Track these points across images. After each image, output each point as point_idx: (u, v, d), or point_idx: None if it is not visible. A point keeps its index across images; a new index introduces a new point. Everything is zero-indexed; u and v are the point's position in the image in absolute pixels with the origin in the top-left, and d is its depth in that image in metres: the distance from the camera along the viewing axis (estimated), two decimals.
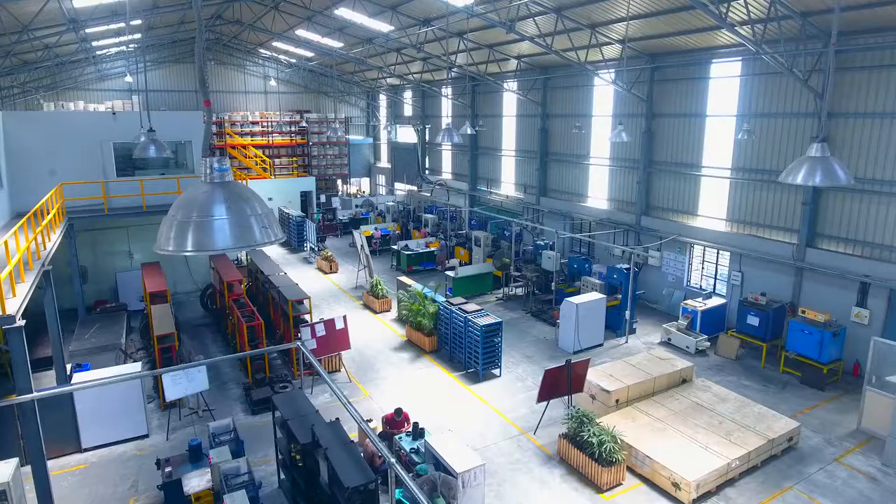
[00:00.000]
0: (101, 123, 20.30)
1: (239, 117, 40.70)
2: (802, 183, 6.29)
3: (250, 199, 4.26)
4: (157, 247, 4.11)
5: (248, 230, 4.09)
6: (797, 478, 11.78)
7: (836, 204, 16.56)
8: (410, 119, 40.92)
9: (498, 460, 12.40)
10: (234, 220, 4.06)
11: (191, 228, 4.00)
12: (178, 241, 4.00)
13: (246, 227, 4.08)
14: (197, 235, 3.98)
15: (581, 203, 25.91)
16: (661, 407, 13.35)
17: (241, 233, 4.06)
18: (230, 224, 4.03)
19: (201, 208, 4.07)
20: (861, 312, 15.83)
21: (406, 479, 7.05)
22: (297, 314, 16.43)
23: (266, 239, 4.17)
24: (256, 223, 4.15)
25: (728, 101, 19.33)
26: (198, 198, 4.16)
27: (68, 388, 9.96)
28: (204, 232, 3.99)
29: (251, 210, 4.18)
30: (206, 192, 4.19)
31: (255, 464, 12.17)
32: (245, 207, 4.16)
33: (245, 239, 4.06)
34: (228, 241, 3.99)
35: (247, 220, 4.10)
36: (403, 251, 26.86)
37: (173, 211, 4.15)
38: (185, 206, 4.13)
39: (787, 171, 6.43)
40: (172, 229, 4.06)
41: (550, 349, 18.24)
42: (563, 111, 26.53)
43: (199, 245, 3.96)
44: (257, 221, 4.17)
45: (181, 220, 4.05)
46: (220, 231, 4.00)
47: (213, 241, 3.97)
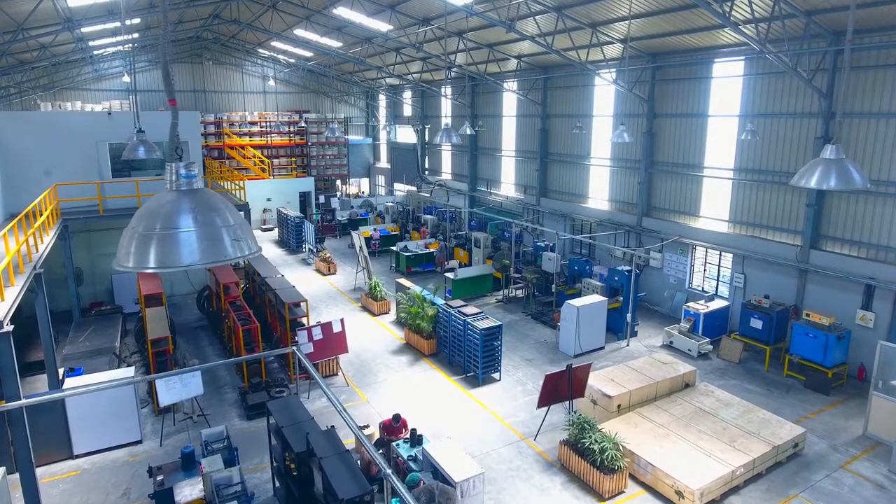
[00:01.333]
0: (96, 123, 20.07)
1: (237, 117, 40.47)
2: (816, 187, 6.05)
3: (221, 209, 3.87)
4: (116, 262, 3.75)
5: (218, 243, 3.72)
6: (803, 485, 11.55)
7: (840, 205, 16.33)
8: (410, 119, 40.69)
9: (497, 467, 12.16)
10: (203, 233, 3.67)
11: (153, 242, 3.61)
12: (138, 256, 3.62)
13: (216, 241, 3.71)
14: (160, 250, 3.60)
15: (582, 204, 25.69)
16: (663, 412, 13.12)
17: (209, 246, 3.67)
18: (198, 237, 3.65)
19: (165, 219, 3.67)
20: (866, 315, 15.60)
21: (402, 490, 6.82)
22: (294, 317, 16.20)
23: (238, 252, 3.80)
24: (228, 235, 3.77)
25: (730, 101, 19.09)
26: (162, 207, 3.77)
27: (57, 396, 9.73)
28: (168, 246, 3.60)
29: (222, 221, 3.80)
30: (171, 201, 3.79)
31: (250, 471, 11.96)
32: (215, 218, 3.77)
33: (214, 253, 3.68)
34: (195, 256, 3.61)
35: (217, 233, 3.73)
36: (402, 252, 26.64)
37: (135, 222, 3.76)
38: (148, 217, 3.74)
39: (799, 175, 6.19)
40: (133, 243, 3.66)
41: (551, 352, 18.01)
42: (564, 111, 26.30)
43: (162, 261, 3.58)
44: (229, 233, 3.78)
45: (143, 233, 3.66)
46: (187, 245, 3.62)
47: (178, 257, 3.59)
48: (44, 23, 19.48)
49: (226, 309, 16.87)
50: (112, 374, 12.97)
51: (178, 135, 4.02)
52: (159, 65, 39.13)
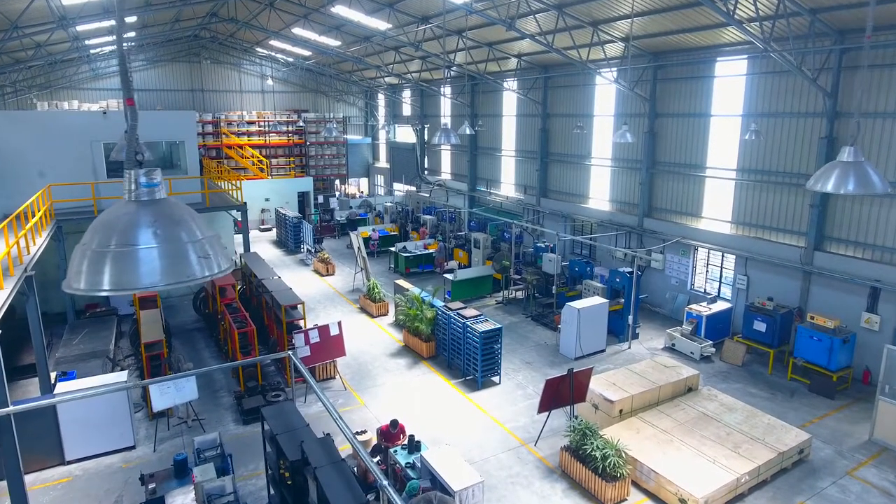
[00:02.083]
0: (91, 123, 19.81)
1: (235, 117, 40.23)
2: (833, 191, 5.80)
3: (186, 222, 3.44)
4: (66, 284, 3.28)
5: (183, 261, 3.28)
6: (809, 492, 11.32)
7: (845, 206, 16.09)
8: (409, 119, 40.45)
9: (497, 474, 11.93)
10: (165, 250, 3.24)
11: (108, 260, 3.15)
12: (91, 277, 3.15)
13: (180, 258, 3.27)
14: (116, 269, 3.13)
15: (582, 204, 25.45)
16: (666, 417, 12.89)
17: (173, 265, 3.23)
18: (160, 254, 3.21)
19: (122, 234, 3.22)
20: (871, 318, 15.37)
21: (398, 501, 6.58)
22: (290, 320, 15.97)
23: (207, 271, 3.36)
24: (194, 252, 3.33)
25: (733, 101, 18.85)
26: (118, 221, 3.31)
27: (45, 402, 9.49)
28: (124, 265, 3.15)
29: (188, 235, 3.37)
30: (129, 213, 3.35)
31: (244, 478, 11.74)
32: (179, 232, 3.34)
33: (178, 273, 3.24)
34: (157, 277, 3.17)
35: (181, 249, 3.30)
36: (401, 253, 26.40)
37: (87, 237, 3.31)
38: (102, 232, 3.27)
39: (815, 178, 5.94)
40: (85, 261, 3.20)
41: (551, 355, 17.78)
42: (564, 111, 26.06)
43: (118, 282, 3.13)
44: (195, 250, 3.35)
45: (96, 250, 3.19)
46: (147, 263, 3.17)
47: (136, 277, 3.14)
48: (38, 21, 19.25)
49: (222, 311, 16.63)
50: (105, 379, 12.72)
51: (137, 138, 3.63)
52: (157, 64, 38.94)
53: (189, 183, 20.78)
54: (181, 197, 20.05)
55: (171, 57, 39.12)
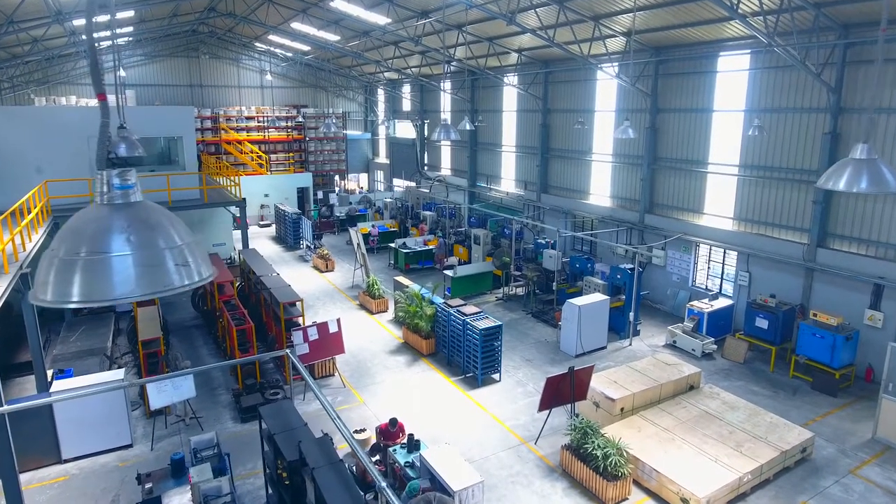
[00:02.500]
0: (87, 118, 19.64)
1: (234, 112, 40.03)
2: (846, 189, 5.64)
3: (164, 226, 3.20)
4: (32, 295, 3.06)
5: (160, 270, 3.04)
6: (812, 492, 11.22)
7: (849, 203, 15.94)
8: (409, 114, 40.25)
9: (497, 473, 11.84)
10: (140, 257, 3.00)
11: (78, 269, 2.91)
12: (59, 288, 2.91)
13: (156, 266, 3.03)
14: (86, 279, 2.90)
15: (583, 200, 25.30)
16: (667, 415, 12.78)
17: (148, 274, 3.00)
18: (134, 262, 2.97)
19: (93, 241, 2.97)
20: (875, 315, 15.25)
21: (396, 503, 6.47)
22: (289, 317, 15.85)
23: (186, 280, 3.13)
24: (172, 259, 3.09)
25: (736, 96, 18.68)
26: (88, 226, 3.07)
27: (41, 402, 9.38)
28: (96, 274, 2.91)
29: (165, 241, 3.13)
30: (101, 218, 3.11)
31: (242, 476, 11.64)
32: (156, 238, 3.10)
33: (154, 282, 3.01)
34: (130, 286, 2.93)
35: (158, 256, 3.06)
36: (401, 249, 26.27)
37: (55, 244, 3.07)
38: (71, 238, 3.03)
39: (826, 176, 5.78)
40: (52, 270, 2.96)
41: (552, 352, 17.67)
42: (565, 106, 25.88)
43: (88, 293, 2.89)
44: (174, 257, 3.11)
45: (64, 258, 2.95)
46: (120, 272, 2.93)
47: (108, 287, 2.91)
48: (34, 15, 19.06)
49: (220, 308, 16.52)
50: (102, 377, 12.62)
51: (109, 137, 3.40)
52: (156, 59, 38.73)
53: (187, 179, 20.63)
54: (179, 193, 19.97)
55: (170, 52, 38.90)
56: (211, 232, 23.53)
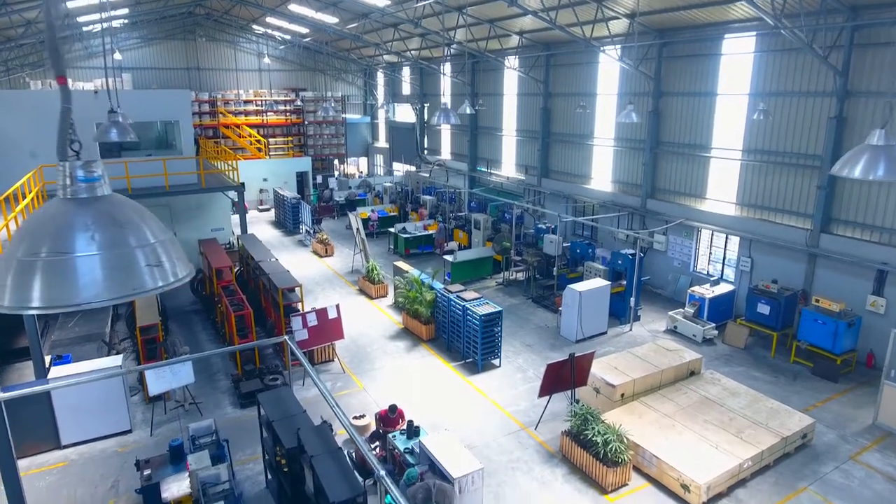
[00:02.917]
0: (82, 103, 19.34)
1: (232, 96, 39.62)
2: (861, 177, 5.45)
3: (135, 223, 2.90)
4: None
5: (130, 271, 2.76)
6: (812, 478, 11.21)
7: (854, 188, 15.75)
8: (409, 97, 39.86)
9: (497, 458, 11.82)
10: (108, 258, 2.72)
11: (38, 272, 2.63)
12: (17, 293, 2.63)
13: (126, 267, 2.75)
14: (47, 282, 2.62)
15: (584, 185, 25.09)
16: (668, 401, 12.74)
17: (117, 276, 2.72)
18: (101, 263, 2.69)
19: (55, 240, 2.69)
20: (877, 301, 15.16)
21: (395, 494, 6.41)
22: (288, 302, 15.75)
23: (160, 281, 2.84)
24: (144, 259, 2.81)
25: (740, 80, 18.40)
26: (49, 223, 2.79)
27: (38, 389, 9.30)
28: (58, 277, 2.63)
29: (137, 239, 2.83)
30: (64, 214, 2.82)
31: (242, 462, 11.62)
32: (126, 236, 2.81)
33: (125, 285, 2.73)
34: (98, 290, 2.66)
35: (128, 257, 2.78)
36: (401, 234, 26.13)
37: (14, 243, 2.79)
38: (31, 237, 2.75)
39: (842, 163, 5.60)
40: (10, 273, 2.67)
41: (552, 337, 17.61)
42: (567, 90, 25.56)
43: (50, 297, 2.61)
44: (146, 256, 2.82)
45: (23, 259, 2.66)
46: (85, 274, 2.65)
47: (72, 291, 2.63)
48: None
49: (218, 294, 16.42)
50: (100, 363, 12.56)
51: (72, 123, 3.11)
52: (152, 42, 38.25)
53: (184, 163, 20.41)
54: (176, 178, 19.77)
55: (166, 35, 38.41)
56: (209, 217, 23.36)
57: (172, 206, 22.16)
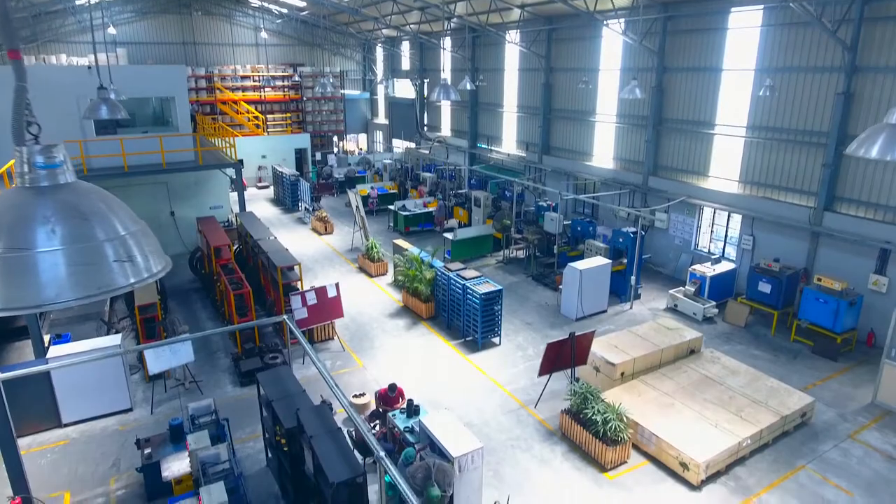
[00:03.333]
0: (76, 78, 19.05)
1: (229, 71, 39.04)
2: (879, 157, 5.25)
3: (102, 213, 2.63)
4: None
5: (97, 267, 2.51)
6: (810, 456, 11.24)
7: (859, 166, 15.55)
8: (408, 73, 39.28)
9: (497, 437, 11.86)
10: (72, 253, 2.46)
11: None
12: None
13: (93, 263, 2.50)
14: (3, 282, 2.39)
15: (586, 162, 24.83)
16: (668, 380, 12.74)
17: (83, 273, 2.47)
18: (65, 259, 2.44)
19: (11, 234, 2.43)
20: (879, 280, 15.08)
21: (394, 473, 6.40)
22: (287, 281, 15.68)
23: (132, 278, 2.60)
24: (113, 254, 2.57)
25: (746, 55, 18.05)
26: (5, 216, 2.52)
27: (37, 369, 9.26)
28: (15, 276, 2.39)
29: (104, 231, 2.57)
30: (22, 205, 2.55)
31: (242, 440, 11.65)
32: (92, 228, 2.55)
33: (91, 283, 2.48)
34: (61, 289, 2.42)
35: (95, 251, 2.53)
36: (400, 212, 25.96)
37: None
38: None
39: (858, 143, 5.40)
40: None
41: (552, 315, 17.58)
42: (569, 65, 25.14)
43: (7, 298, 2.39)
44: (115, 251, 2.58)
45: None
46: (46, 272, 2.41)
47: (32, 292, 2.39)
48: None
49: (217, 273, 16.34)
50: (99, 342, 12.51)
51: (28, 103, 2.84)
52: (147, 16, 37.56)
53: (181, 140, 20.15)
54: (173, 155, 19.52)
55: (161, 8, 37.69)
56: (208, 194, 23.17)
57: (170, 184, 21.96)
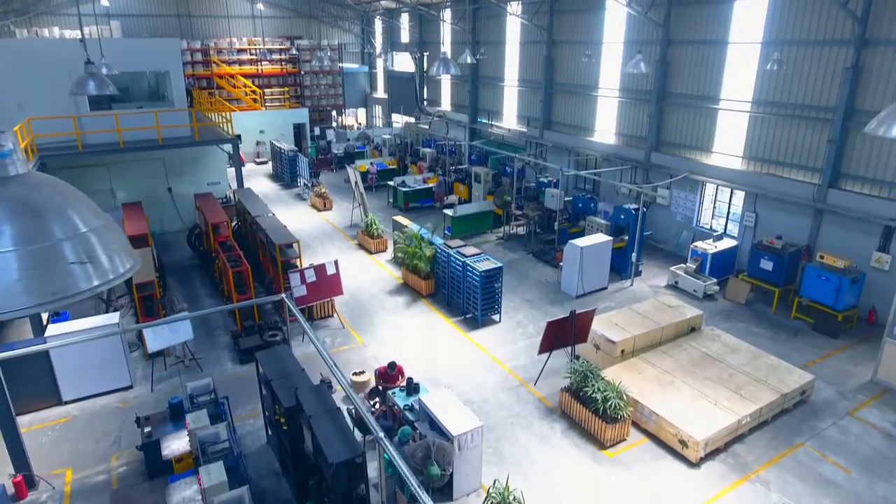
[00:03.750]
0: (68, 52, 18.62)
1: (225, 44, 38.33)
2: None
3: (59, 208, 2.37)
4: None
5: (54, 270, 2.27)
6: (809, 433, 11.28)
7: (865, 142, 15.30)
8: (408, 46, 38.59)
9: (496, 414, 11.88)
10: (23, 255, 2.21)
11: None
12: None
13: (48, 266, 2.26)
14: None
15: (587, 137, 24.52)
16: (668, 358, 12.73)
17: (37, 277, 2.23)
18: (15, 262, 2.20)
19: None
20: (882, 258, 14.97)
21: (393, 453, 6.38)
22: (286, 258, 15.57)
23: (96, 280, 2.36)
24: (73, 254, 2.33)
25: (753, 28, 17.63)
26: None
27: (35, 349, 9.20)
28: None
29: (62, 229, 2.32)
30: None
31: (243, 417, 11.68)
32: (47, 226, 2.29)
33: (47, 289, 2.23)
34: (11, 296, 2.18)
35: (50, 252, 2.28)
36: (400, 187, 25.73)
37: None
38: None
39: (878, 121, 5.22)
40: None
41: (552, 293, 17.51)
42: (571, 38, 24.63)
43: None
44: (74, 251, 2.34)
45: None
46: None
47: None
48: None
49: (215, 250, 16.22)
50: (98, 320, 12.46)
51: None
52: None
53: (176, 116, 19.84)
54: (169, 131, 19.25)
55: None
56: (205, 170, 22.92)
57: (167, 160, 21.71)
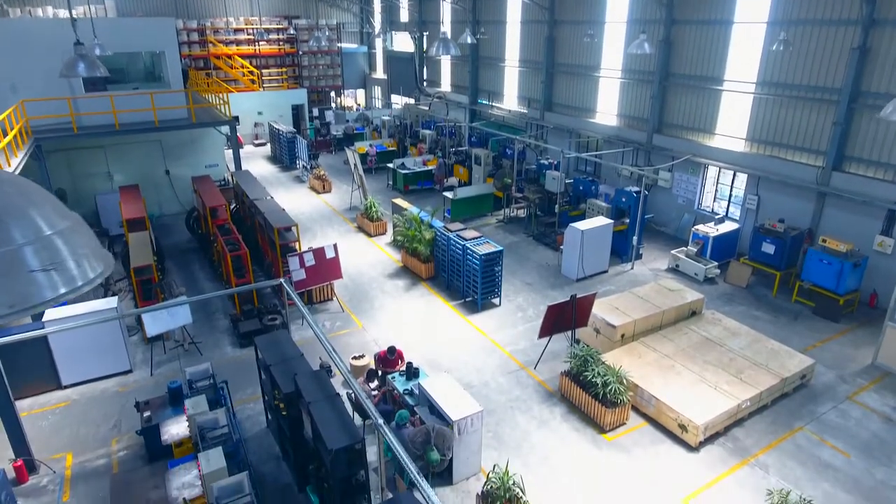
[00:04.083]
0: (60, 32, 18.29)
1: (222, 24, 37.75)
2: None
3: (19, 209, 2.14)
4: None
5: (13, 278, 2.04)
6: (808, 417, 11.28)
7: (870, 124, 15.10)
8: (407, 25, 38.04)
9: (496, 398, 11.88)
10: None
11: None
12: None
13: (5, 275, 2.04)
14: None
15: (589, 119, 24.24)
16: (668, 342, 12.69)
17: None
18: None
19: None
20: (885, 241, 14.86)
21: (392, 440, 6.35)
22: (285, 242, 15.47)
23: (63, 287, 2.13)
24: (36, 260, 2.10)
25: (759, 7, 17.30)
26: None
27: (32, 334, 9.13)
28: None
29: (23, 233, 2.08)
30: None
31: (243, 401, 11.68)
32: (7, 229, 2.06)
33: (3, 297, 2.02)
34: None
35: (11, 258, 2.05)
36: (400, 170, 25.53)
37: None
38: None
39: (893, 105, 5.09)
40: None
41: (553, 276, 17.45)
42: (573, 17, 24.22)
43: None
44: (38, 256, 2.12)
45: None
46: None
47: None
48: None
49: (214, 234, 16.11)
50: (96, 304, 12.41)
51: None
52: None
53: (173, 97, 19.59)
54: (165, 112, 19.01)
55: None
56: (203, 153, 22.71)
57: (164, 142, 21.50)
